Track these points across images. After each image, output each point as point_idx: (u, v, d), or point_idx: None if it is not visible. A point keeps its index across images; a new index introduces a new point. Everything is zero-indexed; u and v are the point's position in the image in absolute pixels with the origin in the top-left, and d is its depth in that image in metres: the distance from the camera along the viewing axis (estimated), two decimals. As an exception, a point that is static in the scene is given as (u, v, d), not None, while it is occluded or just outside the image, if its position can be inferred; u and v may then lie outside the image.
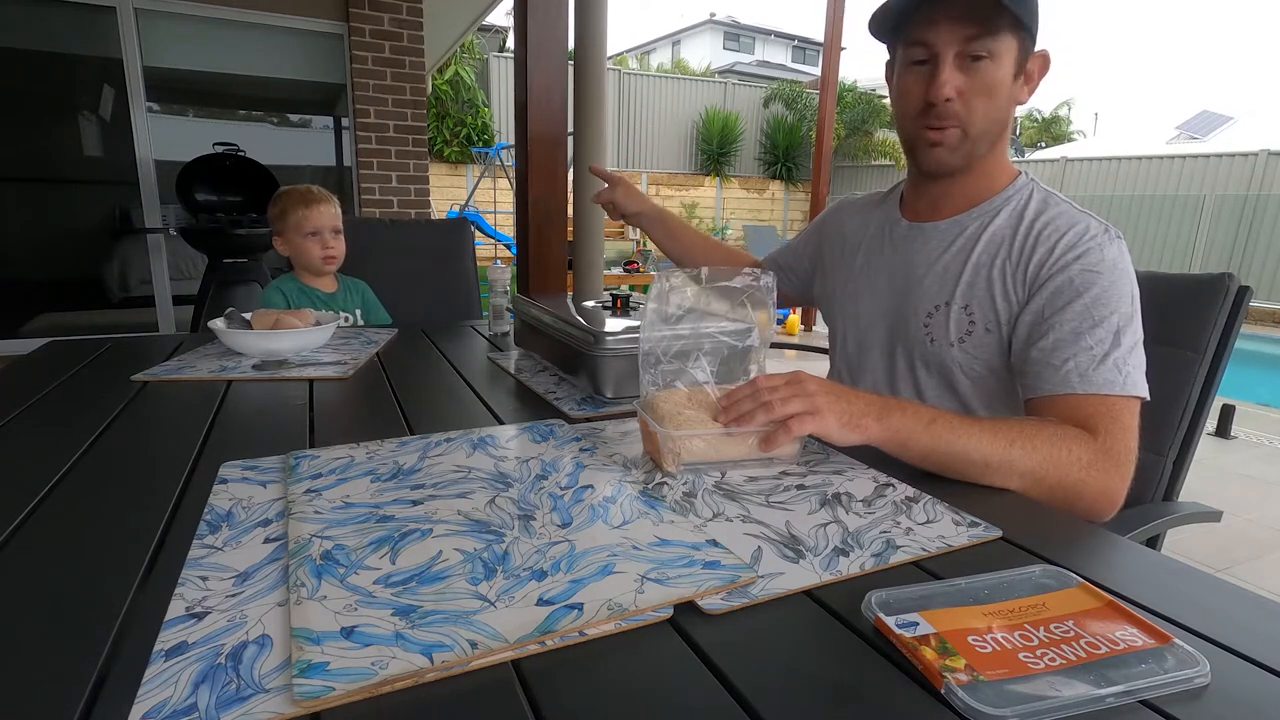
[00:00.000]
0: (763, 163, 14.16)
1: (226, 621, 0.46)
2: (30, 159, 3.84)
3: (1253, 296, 1.00)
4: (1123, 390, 0.79)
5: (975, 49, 0.85)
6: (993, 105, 0.88)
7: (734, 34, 28.89)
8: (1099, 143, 13.74)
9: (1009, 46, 0.86)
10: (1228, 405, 3.65)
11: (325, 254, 1.71)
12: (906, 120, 0.94)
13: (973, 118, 0.88)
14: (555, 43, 2.41)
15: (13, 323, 3.85)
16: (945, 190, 0.98)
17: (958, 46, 0.85)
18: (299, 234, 1.69)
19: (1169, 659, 0.43)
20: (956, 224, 0.97)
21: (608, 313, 1.11)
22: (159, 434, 0.88)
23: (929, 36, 0.86)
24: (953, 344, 0.93)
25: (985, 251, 0.93)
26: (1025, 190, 0.94)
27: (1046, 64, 0.91)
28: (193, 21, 3.90)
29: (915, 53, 0.89)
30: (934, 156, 0.92)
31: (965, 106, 0.88)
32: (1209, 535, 2.39)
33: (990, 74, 0.86)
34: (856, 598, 0.49)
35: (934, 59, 0.87)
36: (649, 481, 0.71)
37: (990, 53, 0.85)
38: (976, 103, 0.87)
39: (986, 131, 0.90)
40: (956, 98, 0.87)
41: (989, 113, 0.89)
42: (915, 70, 0.90)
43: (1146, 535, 0.93)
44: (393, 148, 4.29)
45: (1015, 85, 0.89)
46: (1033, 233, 0.90)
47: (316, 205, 1.70)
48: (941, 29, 0.85)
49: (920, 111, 0.90)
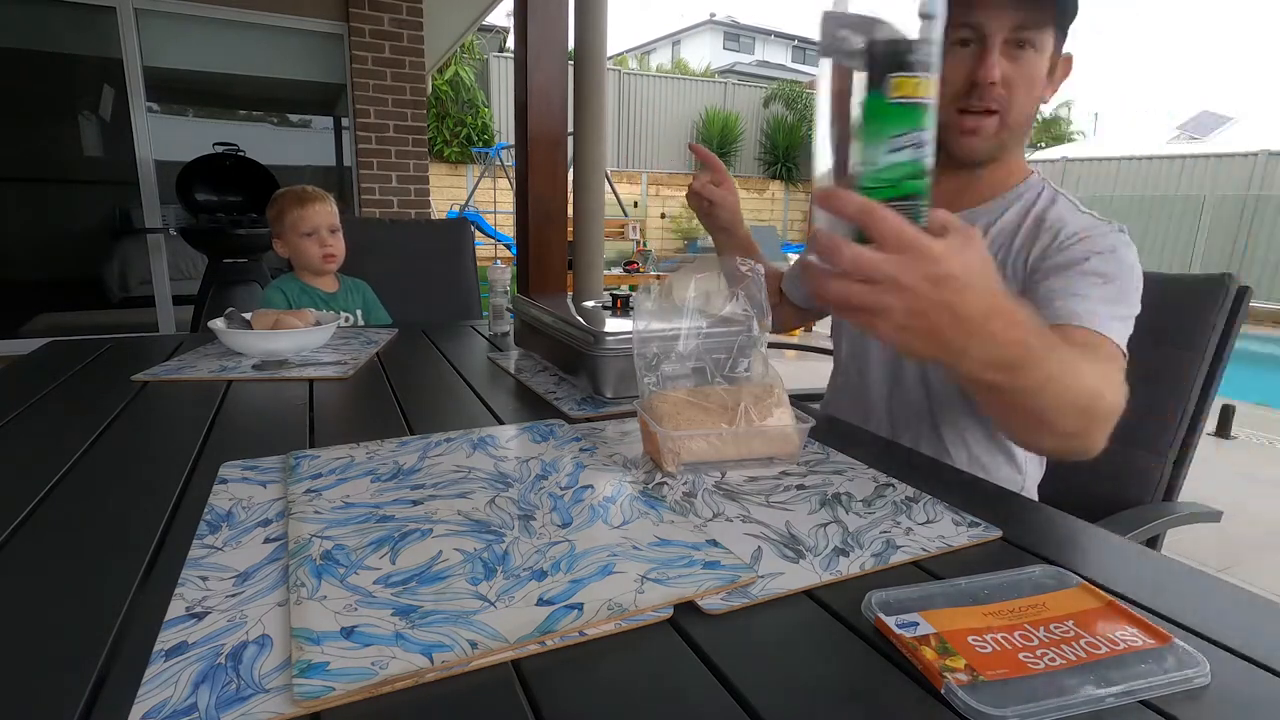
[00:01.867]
0: (763, 163, 14.17)
1: (226, 621, 0.46)
2: (30, 159, 3.85)
3: (1253, 296, 1.00)
4: (1104, 329, 0.77)
5: (1023, 36, 0.84)
6: (1030, 97, 0.87)
7: (734, 34, 28.89)
8: (1099, 143, 13.75)
9: (1049, 41, 0.85)
10: (1228, 405, 3.65)
11: (324, 252, 1.71)
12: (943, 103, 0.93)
13: (1013, 106, 0.87)
14: (555, 43, 2.41)
15: (13, 323, 3.85)
16: (963, 184, 0.97)
17: (1006, 33, 0.84)
18: (296, 234, 1.70)
19: (1169, 659, 0.43)
20: (967, 217, 0.97)
21: (608, 313, 1.11)
22: (159, 434, 0.88)
23: (980, 18, 0.84)
24: None
25: (991, 245, 0.93)
26: (1036, 189, 0.95)
27: (1069, 66, 0.91)
28: (193, 21, 3.91)
29: (962, 33, 0.86)
30: (968, 144, 0.90)
31: (1008, 93, 0.86)
32: (1209, 535, 2.39)
33: (1033, 64, 0.85)
34: (856, 598, 0.49)
35: (982, 40, 0.85)
36: (649, 481, 0.71)
37: (1035, 43, 0.84)
38: (1019, 91, 0.86)
39: (1021, 124, 0.89)
40: (1000, 83, 0.85)
41: (1026, 104, 0.88)
42: (959, 51, 0.87)
43: (1146, 535, 0.93)
44: (393, 148, 4.29)
45: (1046, 80, 0.89)
46: (1037, 227, 0.90)
47: (312, 204, 1.70)
48: (993, 11, 0.83)
49: (961, 93, 0.87)
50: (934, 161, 0.54)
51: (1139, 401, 1.01)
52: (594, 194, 2.75)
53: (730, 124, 13.52)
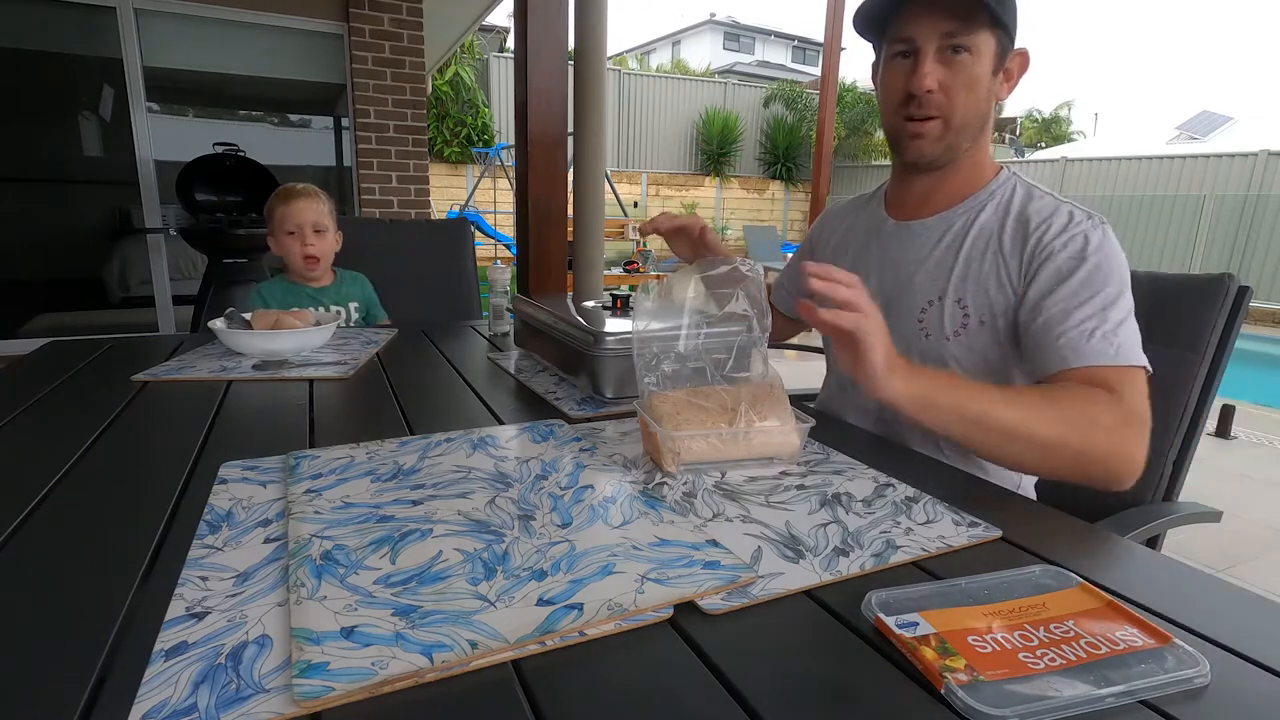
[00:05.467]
0: (763, 163, 14.16)
1: (226, 622, 0.46)
2: (30, 159, 3.84)
3: (1253, 296, 1.00)
4: (1114, 361, 0.80)
5: (955, 43, 0.88)
6: (972, 98, 0.90)
7: (734, 34, 28.89)
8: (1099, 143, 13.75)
9: (987, 42, 0.88)
10: (1228, 405, 3.65)
11: (305, 252, 1.65)
12: (889, 113, 0.97)
13: (954, 110, 0.91)
14: (555, 43, 2.41)
15: (13, 323, 3.85)
16: (931, 186, 1.00)
17: (938, 40, 0.88)
18: (282, 232, 1.66)
19: (1169, 659, 0.43)
20: (944, 219, 0.98)
21: (608, 313, 1.11)
22: (159, 434, 0.88)
23: (911, 31, 0.89)
24: (948, 338, 0.94)
25: (975, 245, 0.94)
26: (1009, 184, 0.97)
27: (1026, 62, 0.93)
28: (193, 21, 3.90)
29: (897, 46, 0.92)
30: (915, 148, 0.94)
31: (946, 98, 0.90)
32: (1209, 535, 2.39)
33: (970, 67, 0.89)
34: (856, 598, 0.49)
35: (915, 53, 0.90)
36: (649, 481, 0.71)
37: (970, 47, 0.88)
38: (957, 95, 0.90)
39: (967, 124, 0.92)
40: (938, 89, 0.90)
41: (969, 105, 0.91)
42: (897, 64, 0.93)
43: (1146, 535, 0.93)
44: (392, 148, 4.29)
45: (994, 81, 0.91)
46: (1021, 224, 0.91)
47: (294, 201, 1.65)
48: (923, 23, 0.88)
49: (902, 103, 0.93)
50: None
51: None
52: (594, 194, 2.75)
53: (730, 124, 13.51)
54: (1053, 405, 0.75)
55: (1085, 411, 0.75)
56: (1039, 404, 0.75)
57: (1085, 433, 0.74)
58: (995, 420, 0.72)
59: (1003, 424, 0.73)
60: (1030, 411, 0.74)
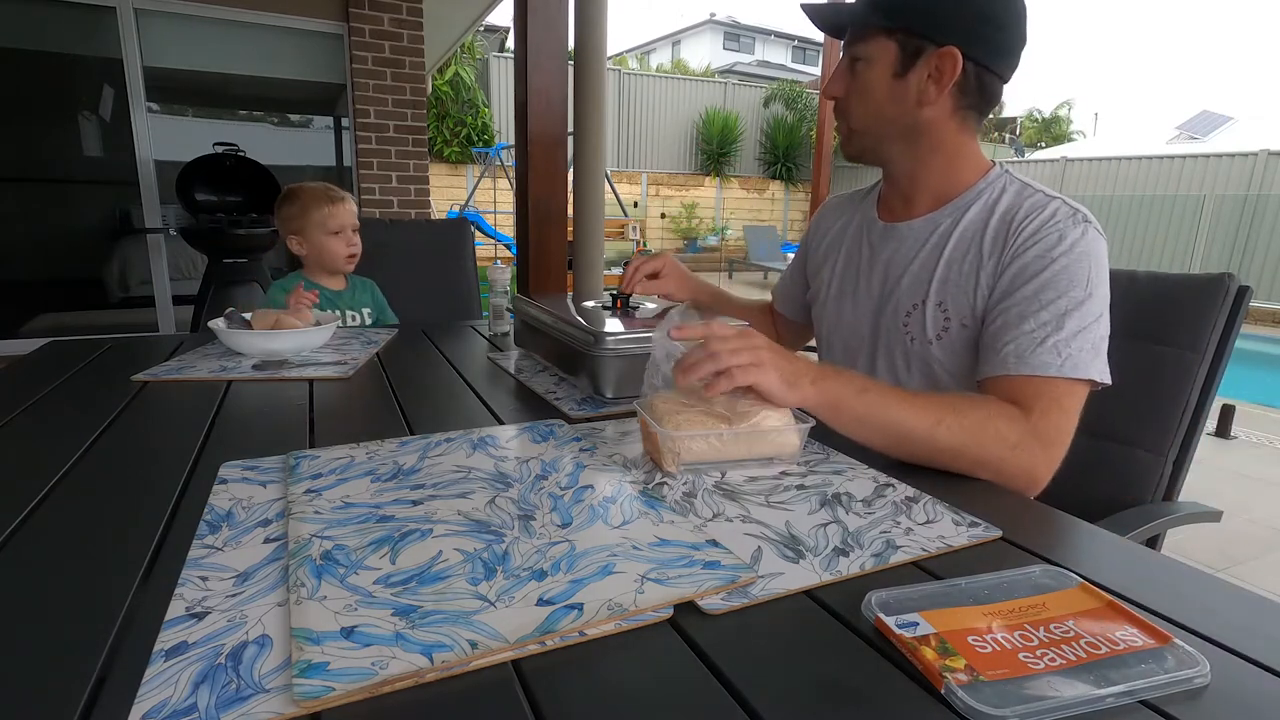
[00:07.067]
0: (763, 163, 14.16)
1: (226, 621, 0.46)
2: (30, 159, 3.84)
3: (1253, 296, 1.00)
4: (1059, 372, 0.79)
5: (853, 53, 0.94)
6: (868, 104, 0.94)
7: (734, 34, 28.89)
8: (1099, 143, 13.74)
9: (883, 49, 0.91)
10: (1228, 405, 3.65)
11: (349, 251, 1.72)
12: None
13: (851, 116, 0.97)
14: (555, 43, 2.41)
15: (13, 323, 3.85)
16: (905, 186, 1.01)
17: (845, 52, 0.96)
18: (323, 232, 1.68)
19: (1169, 659, 0.43)
20: (930, 221, 0.98)
21: (608, 313, 1.11)
22: (159, 434, 0.88)
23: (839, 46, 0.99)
24: (931, 341, 0.94)
25: (957, 248, 0.93)
26: (998, 183, 0.95)
27: (948, 62, 0.88)
28: (193, 21, 3.90)
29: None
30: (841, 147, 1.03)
31: (847, 105, 0.97)
32: (1209, 535, 2.39)
33: (863, 76, 0.93)
34: (856, 598, 0.49)
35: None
36: (649, 481, 0.71)
37: (863, 56, 0.93)
38: (853, 102, 0.96)
39: (869, 128, 0.97)
40: (843, 97, 0.97)
41: (865, 110, 0.95)
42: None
43: (1146, 535, 0.93)
44: (393, 148, 4.29)
45: (899, 84, 0.91)
46: (1002, 225, 0.90)
47: (341, 203, 1.71)
48: (838, 40, 0.98)
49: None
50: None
51: (1139, 401, 1.02)
52: (594, 194, 2.75)
53: (730, 124, 13.50)
54: (956, 414, 0.75)
55: (988, 425, 0.76)
56: (943, 412, 0.75)
57: (984, 444, 0.75)
58: (896, 425, 0.75)
59: (903, 428, 0.75)
60: (935, 424, 0.74)
